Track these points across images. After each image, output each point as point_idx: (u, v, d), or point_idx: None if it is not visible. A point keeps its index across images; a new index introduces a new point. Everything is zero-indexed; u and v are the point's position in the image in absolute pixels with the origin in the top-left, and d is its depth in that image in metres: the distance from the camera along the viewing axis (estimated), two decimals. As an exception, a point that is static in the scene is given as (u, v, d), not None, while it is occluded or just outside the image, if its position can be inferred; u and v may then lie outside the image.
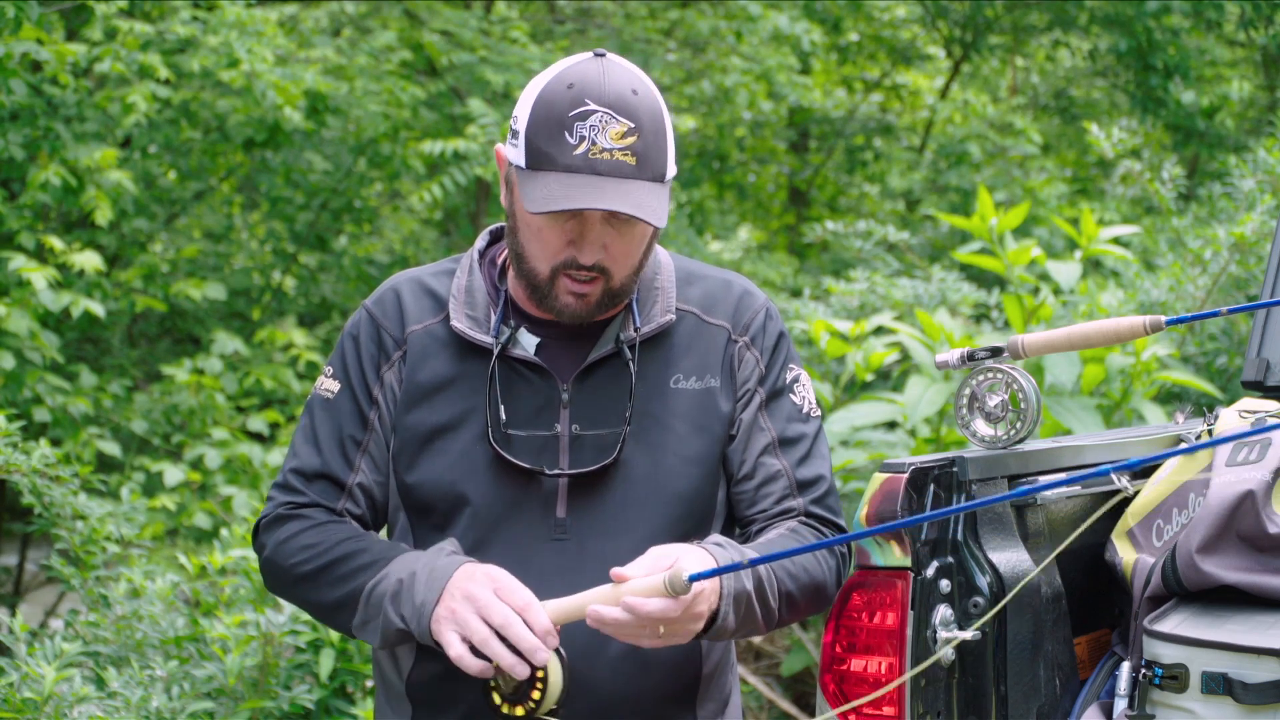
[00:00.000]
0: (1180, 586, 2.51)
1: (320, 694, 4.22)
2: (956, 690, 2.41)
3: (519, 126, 2.30)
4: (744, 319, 2.47)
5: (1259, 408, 2.71)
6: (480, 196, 9.56)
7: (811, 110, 11.95)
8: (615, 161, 2.25)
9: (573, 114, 2.25)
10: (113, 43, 6.99)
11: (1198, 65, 11.24)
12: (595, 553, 2.32)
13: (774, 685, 5.81)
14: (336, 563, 2.32)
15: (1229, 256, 5.69)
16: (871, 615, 2.39)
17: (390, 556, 2.31)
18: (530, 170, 2.27)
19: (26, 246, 6.41)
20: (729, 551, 2.28)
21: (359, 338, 2.44)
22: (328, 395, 2.44)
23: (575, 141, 2.24)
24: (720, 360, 2.44)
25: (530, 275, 2.34)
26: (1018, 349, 2.61)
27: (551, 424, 2.37)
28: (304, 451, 2.43)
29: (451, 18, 9.51)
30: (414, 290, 2.45)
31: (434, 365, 2.40)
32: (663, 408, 2.40)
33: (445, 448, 2.38)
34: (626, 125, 2.26)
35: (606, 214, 2.27)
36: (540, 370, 2.38)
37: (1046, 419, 4.93)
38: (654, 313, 2.43)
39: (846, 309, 6.55)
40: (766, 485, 2.45)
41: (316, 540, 2.35)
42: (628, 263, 2.33)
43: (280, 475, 2.45)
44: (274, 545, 2.38)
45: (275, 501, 2.43)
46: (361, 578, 2.30)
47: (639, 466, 2.37)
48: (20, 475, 4.38)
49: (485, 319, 2.40)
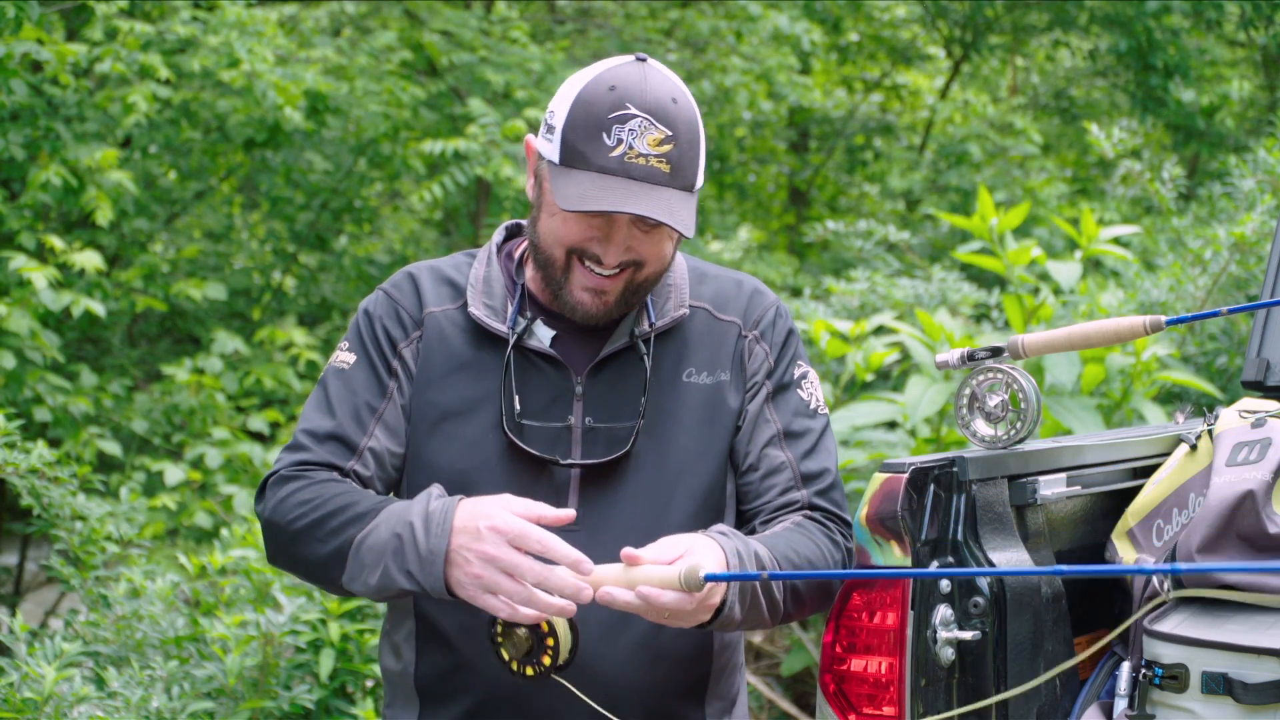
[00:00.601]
0: (1180, 587, 2.51)
1: (320, 694, 4.22)
2: (956, 690, 2.41)
3: (555, 122, 2.31)
4: (754, 315, 2.50)
5: (1259, 408, 2.71)
6: (480, 196, 9.56)
7: (811, 110, 11.96)
8: (650, 168, 2.26)
9: (612, 116, 2.26)
10: (113, 43, 6.99)
11: (1198, 65, 11.24)
12: (607, 546, 2.32)
13: (774, 685, 5.81)
14: (328, 517, 2.29)
15: (1229, 256, 5.69)
16: (872, 615, 2.39)
17: (379, 508, 2.27)
18: (563, 167, 2.28)
19: (27, 246, 6.41)
20: (734, 540, 2.28)
21: (376, 315, 2.45)
22: (343, 366, 2.43)
23: (612, 144, 2.26)
24: (731, 355, 2.46)
25: (547, 263, 2.35)
26: (1018, 349, 2.61)
27: (565, 416, 2.38)
28: (315, 415, 2.41)
29: (452, 18, 9.51)
30: (432, 277, 2.47)
31: (449, 348, 2.41)
32: (675, 401, 2.41)
33: (456, 433, 2.38)
34: (665, 133, 2.27)
35: (635, 218, 2.28)
36: (555, 362, 2.39)
37: (1046, 419, 4.93)
38: (667, 308, 2.45)
39: (847, 309, 6.55)
40: (770, 477, 2.46)
41: (312, 496, 2.32)
42: (656, 259, 2.34)
43: (292, 440, 2.43)
44: (273, 505, 2.36)
45: (281, 462, 2.40)
46: (350, 530, 2.26)
47: (651, 459, 2.39)
48: (18, 476, 4.38)
49: (502, 309, 2.42)
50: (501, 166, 7.92)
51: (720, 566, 2.21)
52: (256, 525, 4.64)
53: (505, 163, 7.95)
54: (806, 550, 2.38)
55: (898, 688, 2.37)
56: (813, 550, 2.39)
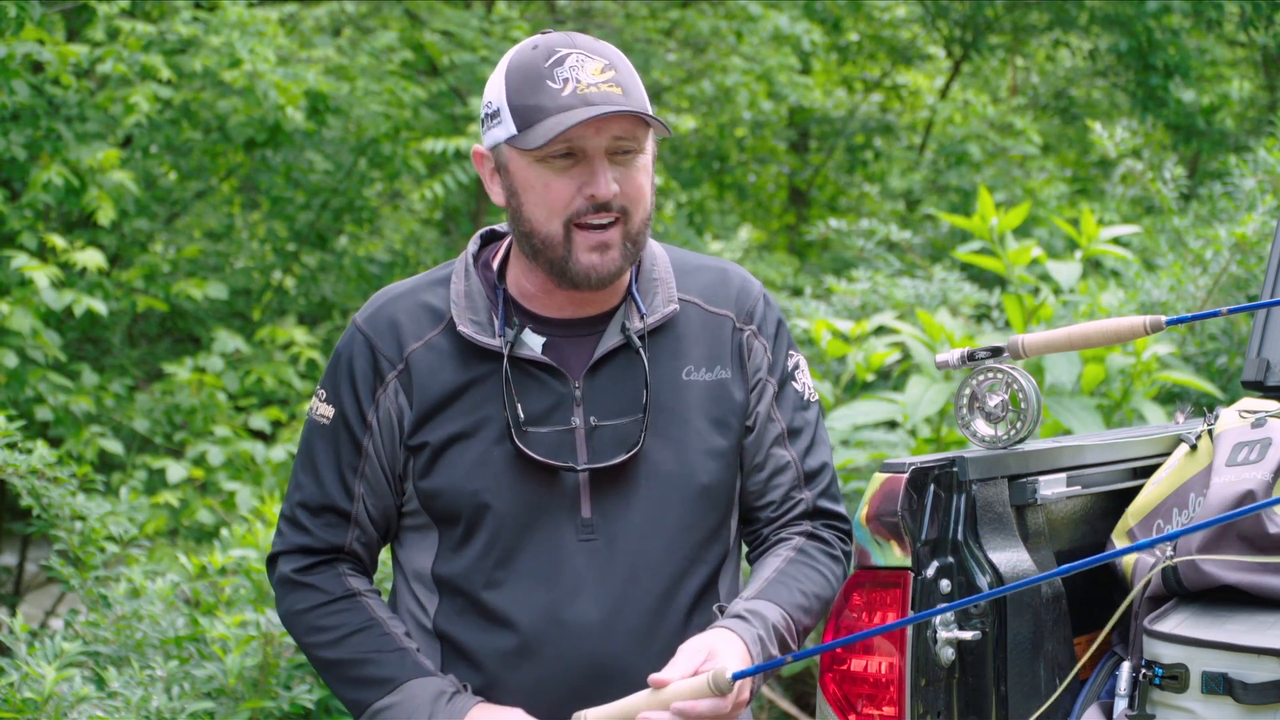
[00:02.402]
0: (1180, 586, 2.51)
1: (320, 694, 4.22)
2: (956, 690, 2.41)
3: (496, 106, 2.31)
4: (747, 307, 2.47)
5: (1259, 408, 2.72)
6: (480, 196, 9.55)
7: (811, 110, 11.95)
8: (604, 92, 2.27)
9: (549, 63, 2.28)
10: (115, 43, 6.99)
11: (1198, 65, 11.24)
12: (626, 553, 2.33)
13: (774, 685, 5.81)
14: (347, 664, 2.36)
15: (1230, 256, 5.69)
16: (872, 615, 2.39)
17: (399, 680, 2.33)
18: (522, 131, 2.28)
19: (28, 246, 6.42)
20: (751, 625, 2.29)
21: (351, 360, 2.41)
22: (323, 421, 2.43)
23: (559, 85, 2.26)
24: (728, 350, 2.44)
25: (546, 244, 2.32)
26: (1018, 349, 2.61)
27: (567, 420, 2.35)
28: (306, 482, 2.43)
29: (452, 18, 9.51)
30: (408, 308, 2.42)
31: (443, 378, 2.37)
32: (678, 400, 2.39)
33: (461, 455, 2.35)
34: (603, 62, 2.30)
35: (608, 149, 2.27)
36: (550, 369, 2.37)
37: (1046, 419, 4.93)
38: (657, 303, 2.42)
39: (848, 309, 6.55)
40: (776, 476, 2.46)
41: (330, 625, 2.38)
42: (640, 200, 2.32)
43: (287, 506, 2.45)
44: (288, 611, 2.42)
45: (284, 541, 2.44)
46: (368, 693, 2.34)
47: (662, 461, 2.37)
48: (18, 477, 4.38)
49: (488, 322, 2.38)
50: (503, 165, 7.91)
51: (744, 660, 2.23)
52: (257, 525, 4.64)
53: (507, 162, 7.93)
54: (813, 585, 2.39)
55: (898, 688, 2.37)
56: (819, 582, 2.40)
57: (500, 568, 2.33)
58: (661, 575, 2.34)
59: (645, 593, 2.33)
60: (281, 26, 8.39)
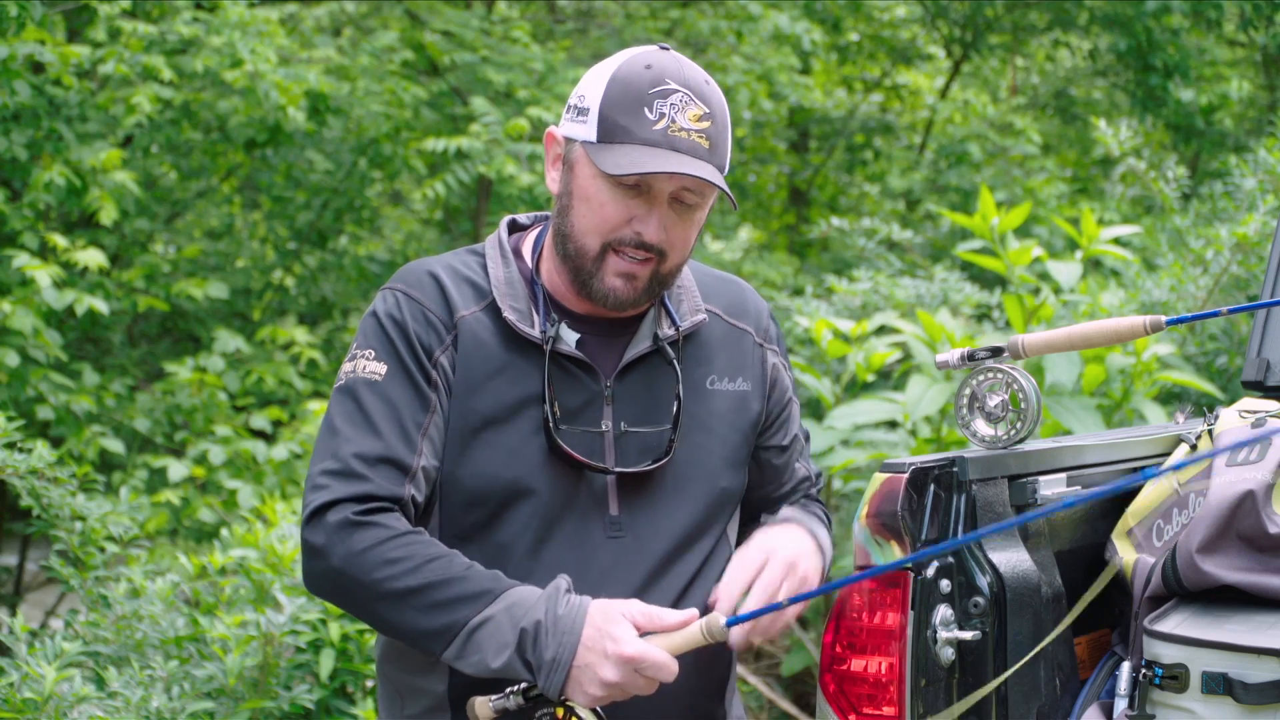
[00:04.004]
0: (1180, 586, 2.51)
1: (320, 694, 4.22)
2: (957, 690, 2.41)
3: (588, 104, 2.30)
4: (762, 322, 2.55)
5: (1259, 408, 2.72)
6: (481, 195, 9.55)
7: (812, 110, 11.95)
8: (693, 142, 2.27)
9: (653, 91, 2.27)
10: (116, 44, 6.99)
11: (1198, 65, 11.24)
12: (650, 551, 2.36)
13: (774, 685, 5.81)
14: (430, 588, 2.19)
15: (1230, 256, 5.69)
16: (872, 615, 2.40)
17: (495, 590, 2.20)
18: (602, 143, 2.28)
19: (30, 246, 6.42)
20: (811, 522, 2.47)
21: (401, 319, 2.33)
22: (374, 378, 2.30)
23: (654, 118, 2.26)
24: (749, 363, 2.50)
25: (578, 254, 2.32)
26: (1018, 349, 2.61)
27: (597, 420, 2.37)
28: (358, 435, 2.27)
29: (453, 18, 9.50)
30: (452, 276, 2.38)
31: (485, 352, 2.34)
32: (703, 408, 2.44)
33: (497, 440, 2.32)
34: (703, 109, 2.29)
35: (673, 194, 2.29)
36: (584, 366, 2.37)
37: (1046, 419, 4.93)
38: (684, 311, 2.46)
39: (849, 308, 6.56)
40: (796, 489, 2.60)
41: (404, 555, 2.21)
42: (682, 249, 2.34)
43: (331, 461, 2.27)
44: (349, 552, 2.21)
45: (333, 492, 2.24)
46: (462, 611, 2.19)
47: (688, 466, 2.41)
48: (18, 478, 4.38)
49: (528, 312, 2.38)
50: (504, 165, 7.92)
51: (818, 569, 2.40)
52: (257, 524, 4.63)
53: (508, 161, 7.94)
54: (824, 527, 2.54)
55: (898, 688, 2.37)
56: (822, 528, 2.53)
57: (529, 557, 2.32)
58: (680, 573, 2.39)
59: (665, 589, 2.36)
60: (282, 26, 8.40)
